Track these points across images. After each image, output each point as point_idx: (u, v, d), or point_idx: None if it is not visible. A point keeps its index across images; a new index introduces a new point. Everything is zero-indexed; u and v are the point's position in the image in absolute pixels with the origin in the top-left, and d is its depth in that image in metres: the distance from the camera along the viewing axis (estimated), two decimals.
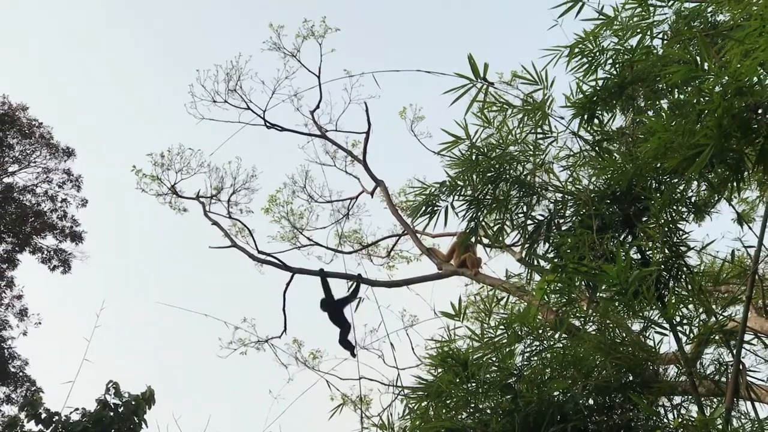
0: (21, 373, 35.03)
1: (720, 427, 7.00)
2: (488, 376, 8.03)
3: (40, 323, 36.72)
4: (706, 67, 7.17)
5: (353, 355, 18.31)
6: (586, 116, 9.09)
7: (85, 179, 37.85)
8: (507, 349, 8.13)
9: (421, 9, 53.23)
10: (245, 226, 23.71)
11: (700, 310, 7.70)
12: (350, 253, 25.25)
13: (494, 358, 8.15)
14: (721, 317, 7.88)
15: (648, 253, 8.40)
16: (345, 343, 18.22)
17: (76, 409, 12.43)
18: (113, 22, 58.82)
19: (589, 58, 9.06)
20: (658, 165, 8.08)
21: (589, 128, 9.27)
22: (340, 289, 19.01)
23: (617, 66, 8.96)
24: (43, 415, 12.28)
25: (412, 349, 15.23)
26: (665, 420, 7.74)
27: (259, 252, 21.61)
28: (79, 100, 56.55)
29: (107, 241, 52.77)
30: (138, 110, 56.71)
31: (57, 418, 12.27)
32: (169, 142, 26.27)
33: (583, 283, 8.16)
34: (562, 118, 9.27)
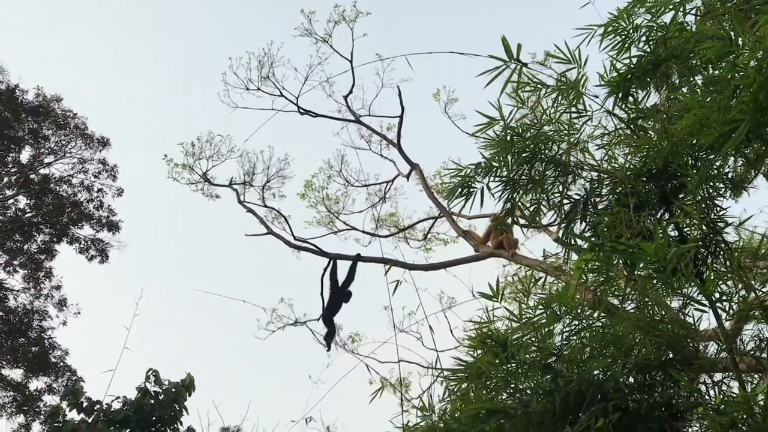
0: (62, 363, 35.22)
1: (762, 403, 6.98)
2: (528, 356, 8.03)
3: (79, 313, 36.89)
4: (740, 42, 7.13)
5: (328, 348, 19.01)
6: (620, 94, 9.07)
7: (121, 168, 38.02)
8: (546, 329, 8.13)
9: None
10: (280, 213, 23.77)
11: (739, 286, 7.67)
12: (387, 236, 25.29)
13: (533, 339, 8.16)
14: (761, 293, 7.86)
15: (685, 230, 8.38)
16: (327, 342, 18.88)
17: (117, 398, 12.56)
18: (144, 8, 59.04)
19: (623, 36, 9.04)
20: (694, 141, 8.06)
21: (623, 106, 9.25)
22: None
23: (651, 43, 8.93)
24: (85, 404, 12.42)
25: (451, 331, 15.29)
26: (706, 397, 7.73)
27: (296, 238, 21.66)
28: (113, 88, 56.73)
29: (144, 229, 52.99)
30: (172, 98, 56.92)
31: (98, 406, 12.41)
32: (204, 129, 26.34)
33: (620, 261, 8.15)
34: (597, 96, 9.26)
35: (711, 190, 8.39)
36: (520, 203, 9.62)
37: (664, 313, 8.20)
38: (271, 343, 22.68)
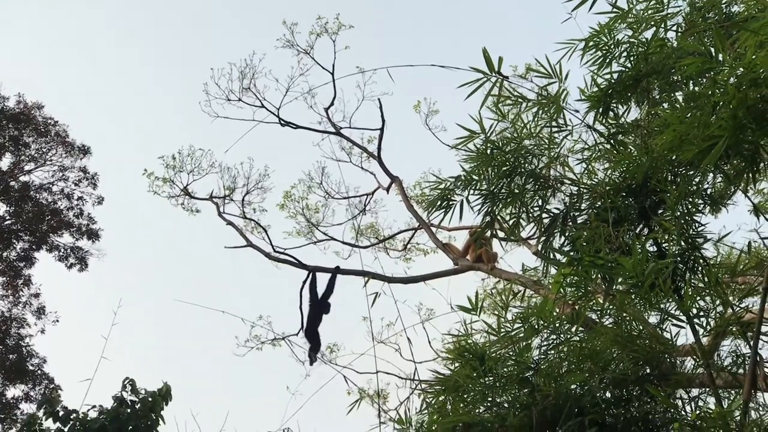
0: (39, 371, 35.13)
1: (738, 419, 7.00)
2: (505, 369, 8.04)
3: (57, 321, 36.86)
4: (720, 59, 7.15)
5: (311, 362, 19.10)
6: (601, 109, 9.08)
7: (101, 177, 37.99)
8: (524, 343, 8.14)
9: (434, 4, 53.19)
10: (260, 225, 23.78)
11: (717, 302, 7.68)
12: (366, 247, 25.27)
13: (511, 352, 8.17)
14: (738, 309, 7.87)
15: (664, 245, 8.39)
16: (312, 356, 18.89)
17: (94, 407, 12.49)
18: (128, 18, 59.03)
19: (604, 51, 9.05)
20: (674, 157, 8.08)
21: (604, 121, 9.26)
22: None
23: (632, 59, 8.94)
24: (61, 413, 12.35)
25: (429, 343, 15.29)
26: (683, 412, 7.74)
27: (275, 250, 21.66)
28: (95, 97, 56.70)
29: (124, 238, 52.85)
30: (153, 107, 56.92)
31: (75, 415, 12.34)
32: (184, 139, 26.45)
33: (599, 276, 8.15)
34: (577, 111, 9.26)
35: (690, 206, 8.40)
36: (499, 217, 9.62)
37: (641, 328, 8.21)
38: (250, 354, 22.66)
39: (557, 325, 8.23)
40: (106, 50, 59.46)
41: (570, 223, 9.05)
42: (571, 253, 8.56)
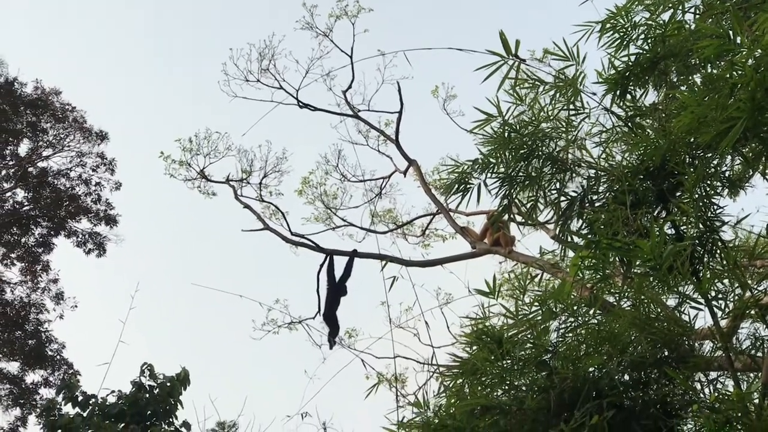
0: (58, 357, 35.22)
1: (756, 401, 6.99)
2: (523, 353, 8.03)
3: (76, 306, 36.88)
4: (738, 41, 7.13)
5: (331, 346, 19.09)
6: (618, 92, 9.06)
7: (119, 162, 38.02)
8: (542, 326, 8.12)
9: None
10: (278, 208, 23.68)
11: (735, 284, 7.65)
12: (385, 233, 25.15)
13: (529, 335, 8.15)
14: (757, 292, 7.85)
15: (682, 228, 8.37)
16: (331, 340, 18.87)
17: (113, 392, 12.55)
18: (145, 2, 58.99)
19: (621, 34, 9.04)
20: (692, 140, 8.05)
21: (621, 104, 9.24)
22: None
23: (649, 41, 8.92)
24: (80, 398, 12.41)
25: (447, 327, 15.27)
26: (701, 395, 7.73)
27: (293, 234, 21.60)
28: (112, 82, 56.63)
29: (141, 223, 52.89)
30: (172, 92, 56.88)
31: (93, 400, 12.41)
32: (202, 123, 26.25)
33: (617, 259, 8.13)
34: (594, 94, 9.25)
35: (708, 189, 8.38)
36: (517, 200, 9.61)
37: (659, 310, 8.18)
38: (268, 338, 22.65)
39: (575, 308, 8.21)
40: (124, 35, 59.49)
41: (587, 206, 9.03)
42: (589, 236, 8.55)
